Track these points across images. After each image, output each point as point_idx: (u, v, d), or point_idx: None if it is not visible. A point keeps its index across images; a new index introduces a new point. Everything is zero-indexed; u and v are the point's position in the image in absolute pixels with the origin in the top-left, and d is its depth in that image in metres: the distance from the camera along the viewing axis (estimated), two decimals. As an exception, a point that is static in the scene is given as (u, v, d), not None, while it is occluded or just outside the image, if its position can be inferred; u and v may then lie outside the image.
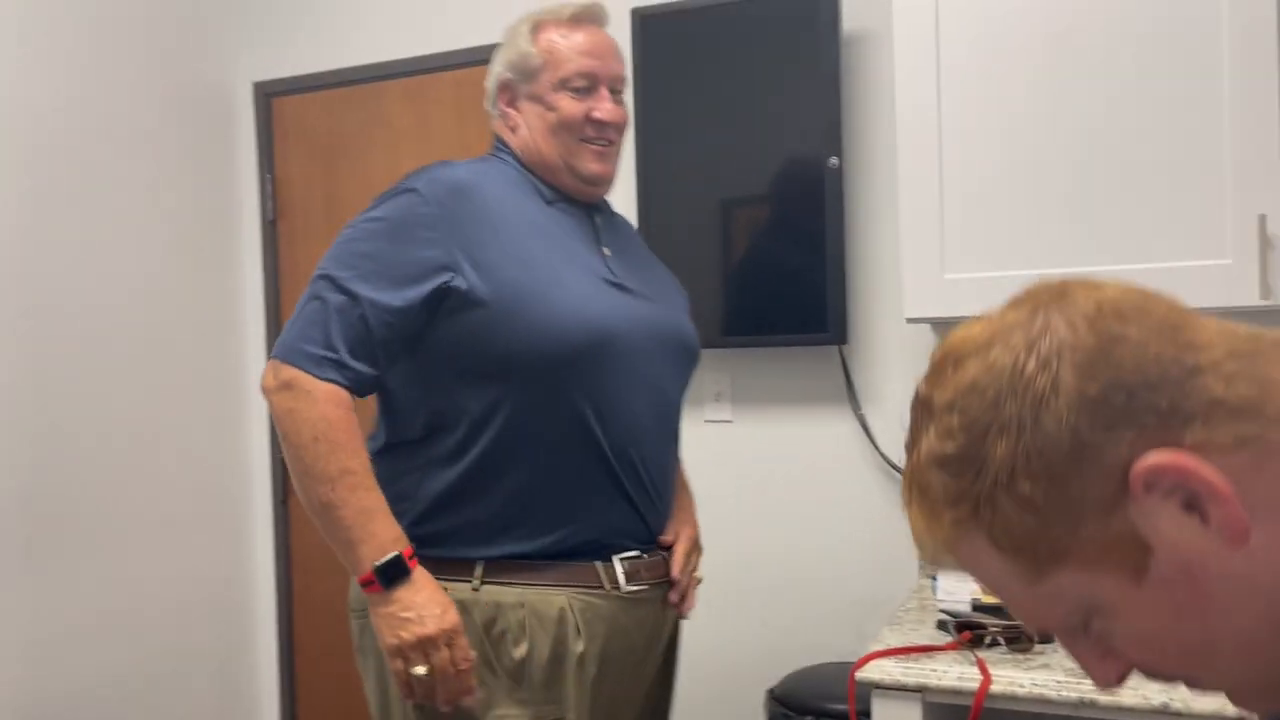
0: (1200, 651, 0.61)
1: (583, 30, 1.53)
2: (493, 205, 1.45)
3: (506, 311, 1.39)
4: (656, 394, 1.52)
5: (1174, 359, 0.58)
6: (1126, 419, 0.58)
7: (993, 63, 1.86)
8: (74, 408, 2.42)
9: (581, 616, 1.45)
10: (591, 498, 1.46)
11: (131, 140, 2.59)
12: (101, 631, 2.46)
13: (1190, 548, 0.58)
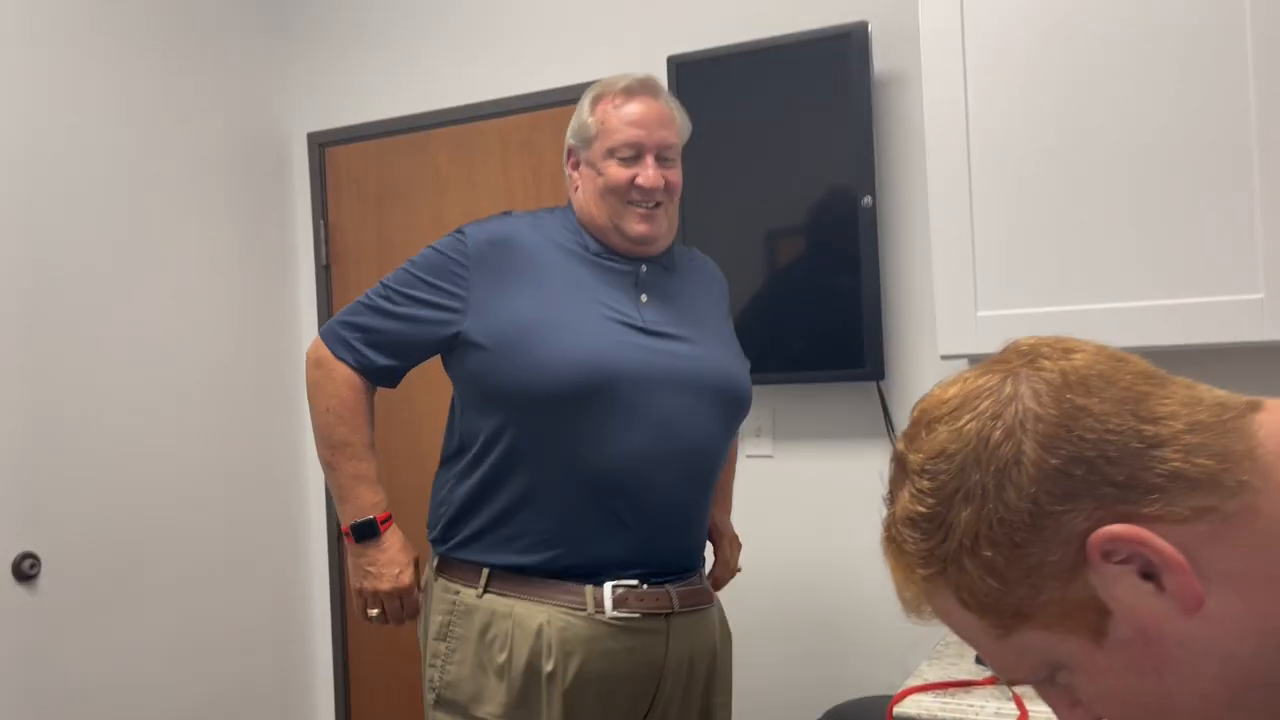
0: (1160, 710, 0.63)
1: (635, 101, 1.67)
2: (526, 255, 1.65)
3: (504, 353, 1.59)
4: (669, 431, 1.60)
5: (1134, 432, 0.61)
6: (1086, 490, 0.60)
7: (1020, 102, 1.89)
8: (141, 448, 2.53)
9: (559, 635, 1.57)
10: (582, 524, 1.59)
11: (193, 189, 2.71)
12: (172, 667, 2.55)
13: (1147, 613, 0.60)
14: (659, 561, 1.63)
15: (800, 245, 2.31)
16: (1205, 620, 0.60)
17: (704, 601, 1.70)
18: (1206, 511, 0.59)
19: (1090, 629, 0.62)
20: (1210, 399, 0.64)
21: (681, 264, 1.79)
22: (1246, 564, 0.60)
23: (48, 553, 2.30)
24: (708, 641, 1.71)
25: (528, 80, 2.71)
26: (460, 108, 2.78)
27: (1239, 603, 0.60)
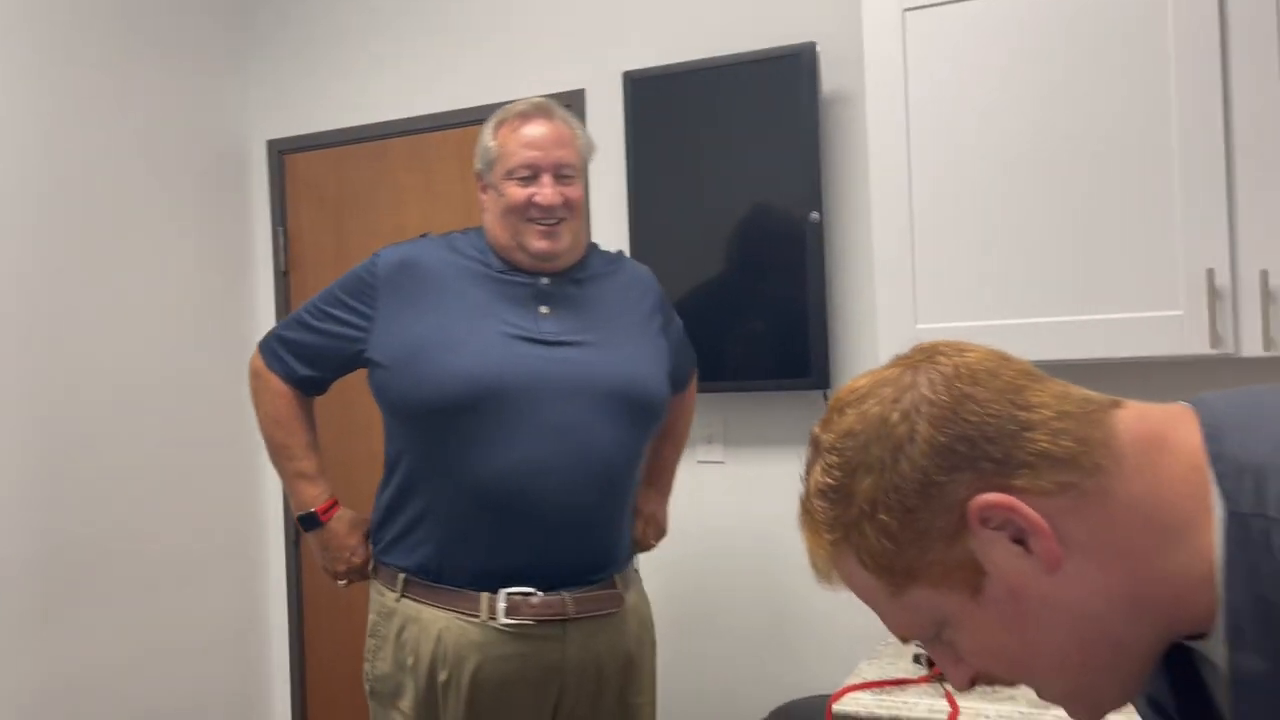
0: (1024, 662, 0.73)
1: (531, 124, 1.76)
2: (432, 277, 1.75)
3: (399, 371, 1.70)
4: (562, 438, 1.66)
5: (1010, 416, 0.71)
6: (968, 464, 0.70)
7: (958, 127, 1.97)
8: (94, 456, 2.54)
9: (455, 641, 1.67)
10: (477, 533, 1.66)
11: (154, 194, 2.73)
12: (125, 672, 2.57)
13: (1015, 573, 0.70)
14: (555, 569, 1.68)
15: (750, 258, 2.38)
16: (1063, 581, 0.69)
17: (607, 607, 1.72)
18: (1067, 487, 0.69)
19: (969, 587, 0.71)
20: (1079, 395, 0.74)
21: (599, 273, 1.84)
22: (1099, 536, 0.69)
23: (6, 552, 2.31)
24: (617, 646, 1.75)
25: (486, 92, 2.75)
26: (419, 118, 2.82)
27: (1092, 568, 0.69)
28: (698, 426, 2.51)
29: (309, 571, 2.97)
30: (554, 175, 1.74)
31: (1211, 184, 1.79)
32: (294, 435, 1.81)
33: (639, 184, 2.46)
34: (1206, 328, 1.78)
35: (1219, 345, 1.79)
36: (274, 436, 1.82)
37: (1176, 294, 1.82)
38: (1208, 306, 1.78)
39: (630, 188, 2.47)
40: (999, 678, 0.76)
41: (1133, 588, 0.69)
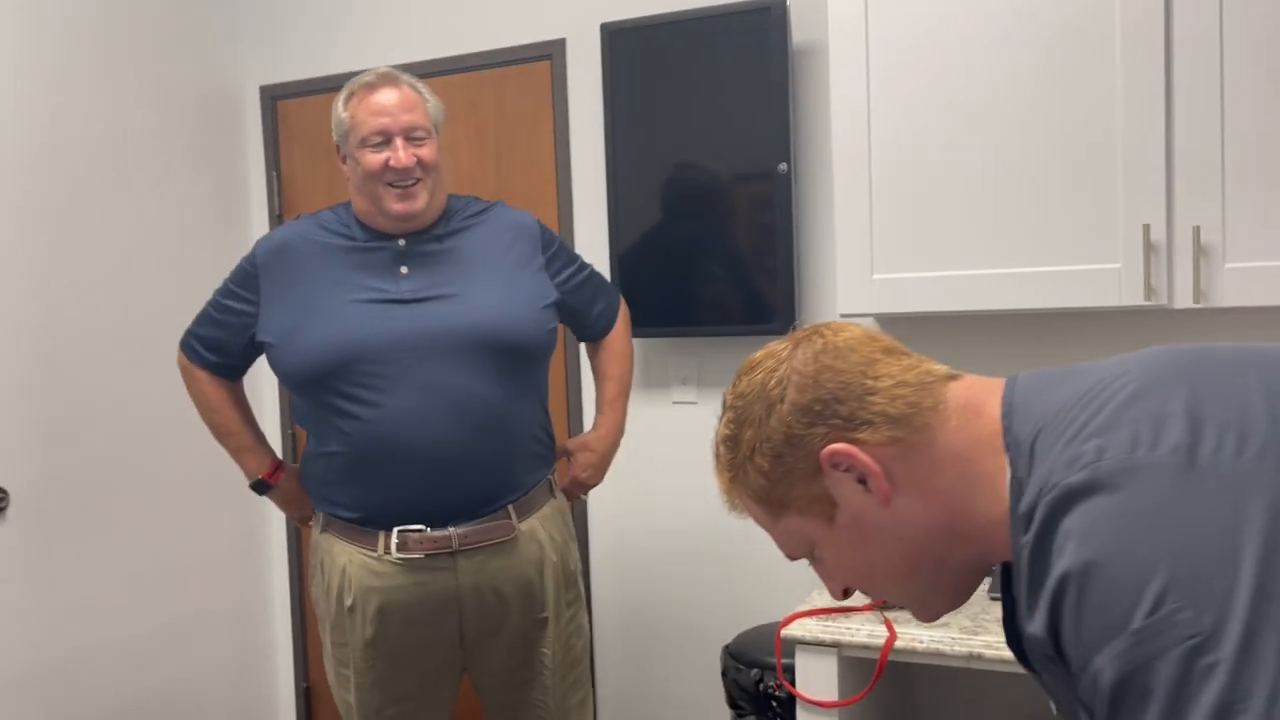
0: (868, 574, 0.92)
1: (377, 93, 1.86)
2: (301, 257, 1.90)
3: (281, 347, 1.87)
4: (428, 388, 1.80)
5: (859, 385, 0.88)
6: (822, 420, 0.87)
7: (916, 82, 2.05)
8: (95, 393, 2.67)
9: (357, 573, 1.86)
10: (368, 480, 1.84)
11: (150, 141, 2.82)
12: (131, 593, 2.74)
13: (858, 505, 0.88)
14: (441, 507, 1.83)
15: (721, 207, 2.47)
16: (893, 513, 0.87)
17: (496, 537, 1.87)
18: (898, 440, 0.86)
19: (826, 515, 0.90)
20: (924, 369, 0.90)
21: (461, 226, 1.94)
22: (922, 479, 0.86)
23: (16, 488, 2.45)
24: (512, 570, 1.90)
25: (470, 41, 2.82)
26: (404, 65, 2.88)
27: (916, 504, 0.87)
28: (673, 369, 2.63)
29: (307, 502, 3.13)
30: (405, 138, 1.84)
31: (1151, 144, 1.87)
32: (227, 415, 2.00)
33: (615, 132, 2.54)
34: (1141, 281, 1.88)
35: (1153, 297, 1.88)
36: (211, 420, 2.02)
37: (1116, 248, 1.91)
38: (1143, 260, 1.87)
39: (607, 136, 2.55)
40: (857, 589, 0.95)
41: (948, 520, 0.86)
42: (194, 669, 2.92)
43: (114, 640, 2.69)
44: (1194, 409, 0.74)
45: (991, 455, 0.84)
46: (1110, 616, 0.69)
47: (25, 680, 2.47)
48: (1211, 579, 0.66)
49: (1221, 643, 0.65)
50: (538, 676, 1.99)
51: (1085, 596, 0.70)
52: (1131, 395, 0.78)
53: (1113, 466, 0.72)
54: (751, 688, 2.21)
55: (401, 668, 1.90)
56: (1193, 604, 0.66)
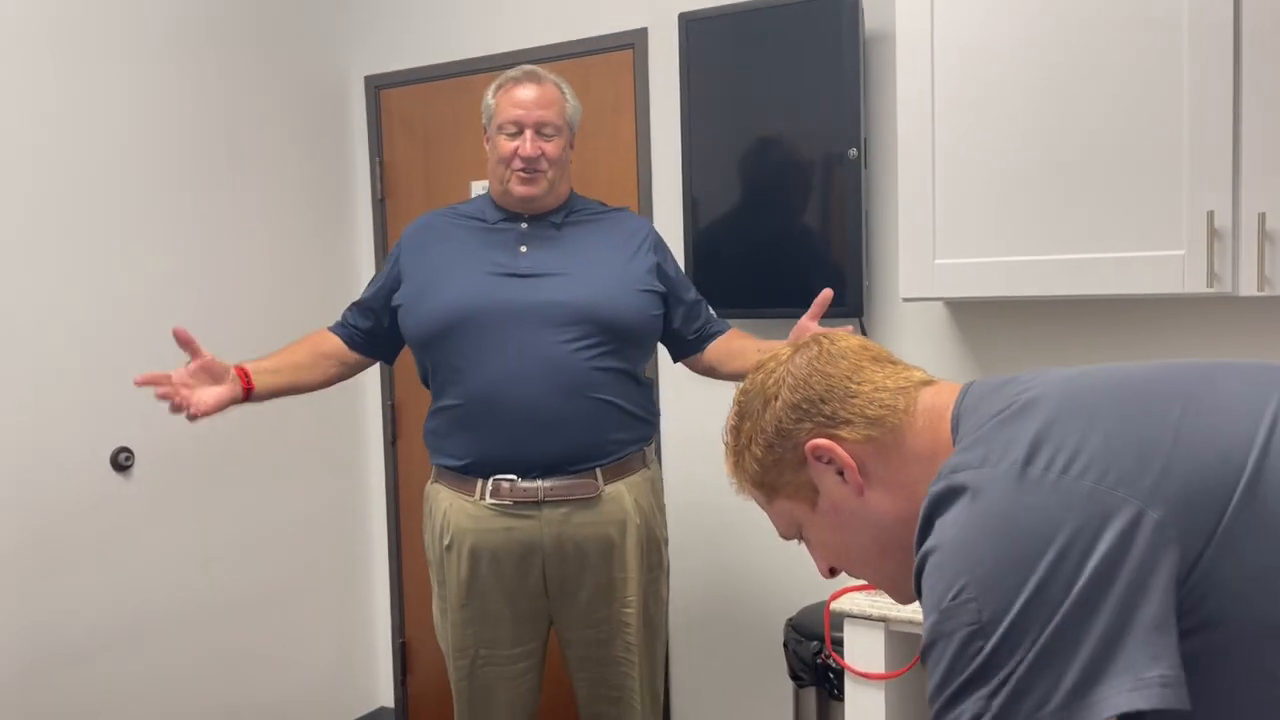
0: (845, 556, 1.03)
1: (520, 88, 2.09)
2: (436, 236, 2.15)
3: (410, 309, 2.10)
4: (528, 352, 2.00)
5: (844, 388, 0.98)
6: (809, 417, 1.00)
7: (982, 69, 2.06)
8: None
9: (455, 516, 2.08)
10: (471, 433, 2.06)
11: (261, 128, 3.03)
12: (242, 548, 2.97)
13: (836, 494, 1.00)
14: (533, 461, 2.03)
15: (793, 192, 2.52)
16: (866, 502, 0.99)
17: (578, 494, 2.04)
18: (873, 439, 0.98)
19: (810, 501, 1.02)
20: (903, 376, 1.00)
21: (582, 220, 2.16)
22: (892, 474, 0.98)
23: (141, 447, 2.70)
24: (594, 529, 2.06)
25: (559, 30, 2.93)
26: (498, 55, 3.03)
27: (886, 495, 0.98)
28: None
29: (404, 462, 3.32)
30: (535, 131, 2.06)
31: (1217, 129, 1.85)
32: (294, 353, 2.19)
33: (692, 119, 2.61)
34: (1205, 268, 1.86)
35: (1216, 284, 1.87)
36: (284, 351, 2.20)
37: (1180, 235, 1.90)
38: (1207, 247, 1.86)
39: (684, 122, 2.63)
40: (840, 567, 1.05)
41: (914, 510, 0.94)
42: (298, 622, 3.15)
43: (225, 593, 2.93)
44: (1041, 432, 0.85)
45: (946, 454, 0.94)
46: (933, 595, 0.84)
47: (146, 623, 2.73)
48: (1004, 578, 0.80)
49: (990, 633, 0.79)
50: (619, 635, 2.12)
51: (923, 577, 0.86)
52: (1008, 418, 0.89)
53: (967, 477, 0.86)
54: (811, 659, 2.28)
55: (492, 608, 2.08)
56: (979, 598, 0.80)
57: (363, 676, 3.39)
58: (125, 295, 2.68)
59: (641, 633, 2.14)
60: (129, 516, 2.68)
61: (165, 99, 2.78)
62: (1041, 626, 0.78)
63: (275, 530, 3.07)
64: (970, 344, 2.42)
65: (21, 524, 2.47)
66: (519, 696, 2.14)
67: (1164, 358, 2.18)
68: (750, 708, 2.78)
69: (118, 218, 2.66)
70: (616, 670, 2.14)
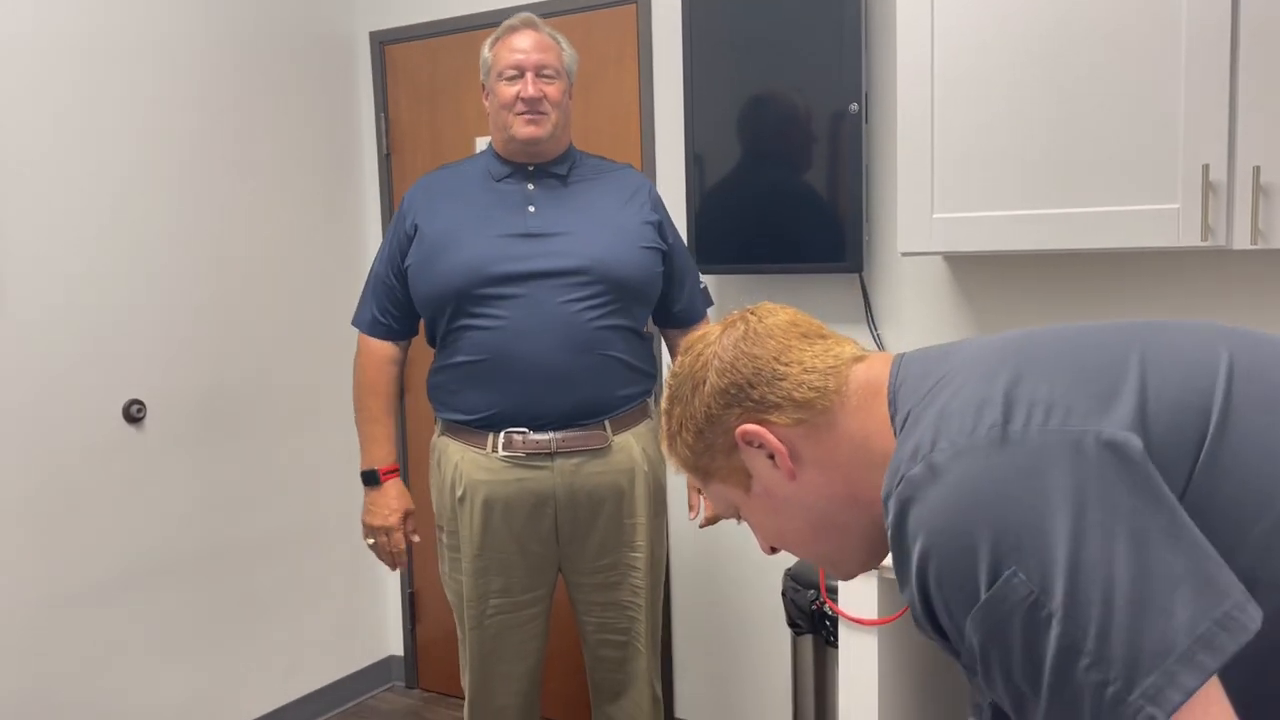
0: (781, 537, 1.02)
1: (516, 35, 2.12)
2: (442, 196, 2.17)
3: (420, 268, 2.13)
4: (537, 310, 2.05)
5: (771, 371, 0.97)
6: (737, 402, 0.98)
7: (980, 25, 2.06)
8: (231, 312, 2.95)
9: (468, 469, 2.12)
10: (482, 387, 2.05)
11: (267, 87, 3.05)
12: (253, 497, 3.04)
13: (768, 478, 0.99)
14: (543, 413, 2.08)
15: (794, 147, 2.53)
16: (799, 485, 0.98)
17: (590, 445, 2.10)
18: (803, 422, 0.96)
19: (743, 485, 1.01)
20: (833, 353, 0.98)
21: (586, 176, 2.19)
22: (825, 456, 0.96)
23: (152, 400, 2.75)
24: (605, 476, 2.13)
25: (563, -15, 2.93)
26: (504, 9, 3.02)
27: (820, 477, 0.97)
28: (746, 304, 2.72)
29: (412, 416, 3.37)
30: (536, 74, 2.09)
31: (1214, 82, 1.85)
32: (380, 400, 2.23)
33: (694, 74, 2.62)
34: (1199, 221, 1.88)
35: (1210, 238, 1.88)
36: (364, 401, 2.24)
37: (1175, 188, 1.91)
38: (1200, 200, 1.87)
39: (686, 77, 2.63)
40: (778, 546, 1.05)
41: (849, 492, 0.96)
42: (309, 571, 3.22)
43: (237, 541, 2.99)
44: (1010, 390, 0.83)
45: (883, 433, 0.93)
46: (965, 593, 0.78)
47: (157, 569, 2.80)
48: (1037, 537, 0.75)
49: (1052, 593, 0.74)
50: (626, 579, 2.19)
51: (941, 580, 0.80)
52: (967, 382, 0.86)
53: (941, 456, 0.81)
54: (807, 607, 2.33)
55: (505, 556, 2.13)
56: (1022, 566, 0.75)
57: (372, 625, 3.47)
58: (136, 249, 2.71)
59: (649, 575, 2.21)
60: (141, 466, 2.74)
61: (171, 55, 2.79)
62: (1106, 565, 0.73)
63: (285, 481, 3.13)
64: (968, 298, 2.44)
65: (36, 472, 2.53)
66: (528, 641, 2.20)
67: (1160, 313, 2.21)
68: (750, 655, 2.84)
69: (126, 169, 2.69)
70: (623, 614, 2.21)
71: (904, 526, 0.82)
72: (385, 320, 2.22)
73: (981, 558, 0.77)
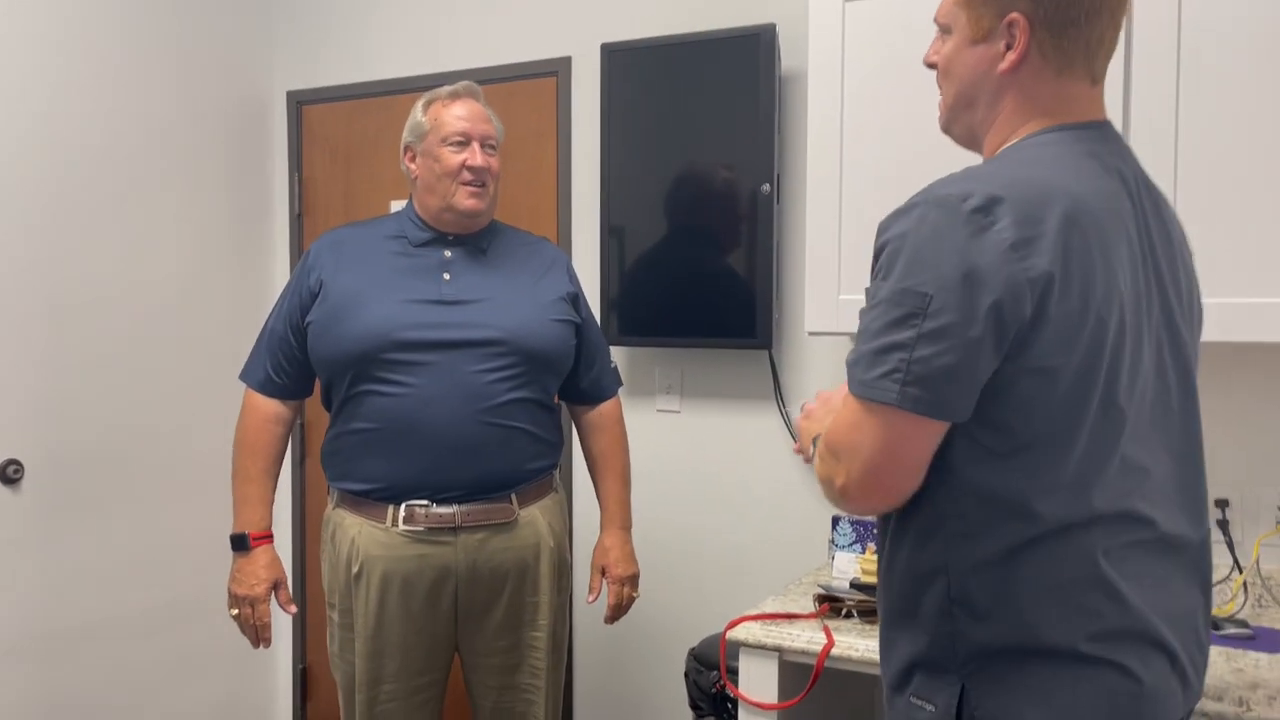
0: (945, 70, 1.30)
1: (459, 103, 2.08)
2: (352, 252, 2.09)
3: (329, 328, 2.03)
4: (451, 378, 1.98)
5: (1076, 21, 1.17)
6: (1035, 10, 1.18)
7: (887, 108, 2.11)
8: (120, 370, 2.83)
9: (365, 543, 2.02)
10: (383, 456, 1.97)
11: (181, 141, 2.98)
12: (135, 567, 2.88)
13: (983, 52, 1.22)
14: (448, 485, 2.00)
15: (709, 223, 2.55)
16: (989, 70, 1.23)
17: (495, 519, 2.03)
18: (1039, 70, 1.20)
19: (969, 38, 1.23)
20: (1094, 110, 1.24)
21: (508, 245, 2.15)
22: (1016, 89, 1.21)
23: (30, 460, 2.61)
24: (510, 553, 2.05)
25: (484, 56, 2.94)
26: (421, 77, 3.02)
27: (1000, 86, 1.22)
28: (658, 377, 2.72)
29: (311, 484, 3.26)
30: (481, 144, 2.03)
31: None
32: (259, 461, 2.11)
33: (611, 147, 2.64)
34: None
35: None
36: (241, 462, 2.12)
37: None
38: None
39: (603, 150, 2.65)
40: (940, 85, 1.31)
41: (990, 115, 1.25)
42: (194, 645, 3.05)
43: (117, 613, 2.83)
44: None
45: (1013, 136, 1.21)
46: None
47: (27, 647, 2.62)
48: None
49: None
50: (526, 660, 2.11)
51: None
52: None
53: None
54: (709, 689, 2.28)
55: (401, 638, 2.03)
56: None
57: (260, 703, 3.30)
58: (28, 304, 2.60)
59: (550, 656, 2.13)
60: (17, 530, 2.59)
61: (85, 104, 2.71)
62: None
63: (173, 548, 2.99)
64: (875, 379, 2.46)
65: (-103, 536, 2.37)
66: None
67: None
68: (652, 738, 2.77)
69: (23, 224, 2.59)
70: (521, 696, 2.12)
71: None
72: (279, 379, 2.11)
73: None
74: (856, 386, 1.11)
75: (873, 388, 1.08)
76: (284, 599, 2.13)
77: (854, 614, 2.00)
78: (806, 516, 2.55)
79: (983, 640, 1.12)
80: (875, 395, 1.08)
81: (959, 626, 1.13)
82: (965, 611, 1.12)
